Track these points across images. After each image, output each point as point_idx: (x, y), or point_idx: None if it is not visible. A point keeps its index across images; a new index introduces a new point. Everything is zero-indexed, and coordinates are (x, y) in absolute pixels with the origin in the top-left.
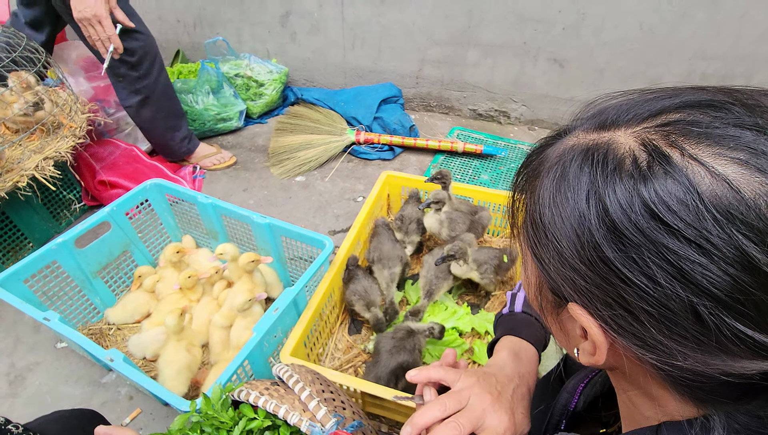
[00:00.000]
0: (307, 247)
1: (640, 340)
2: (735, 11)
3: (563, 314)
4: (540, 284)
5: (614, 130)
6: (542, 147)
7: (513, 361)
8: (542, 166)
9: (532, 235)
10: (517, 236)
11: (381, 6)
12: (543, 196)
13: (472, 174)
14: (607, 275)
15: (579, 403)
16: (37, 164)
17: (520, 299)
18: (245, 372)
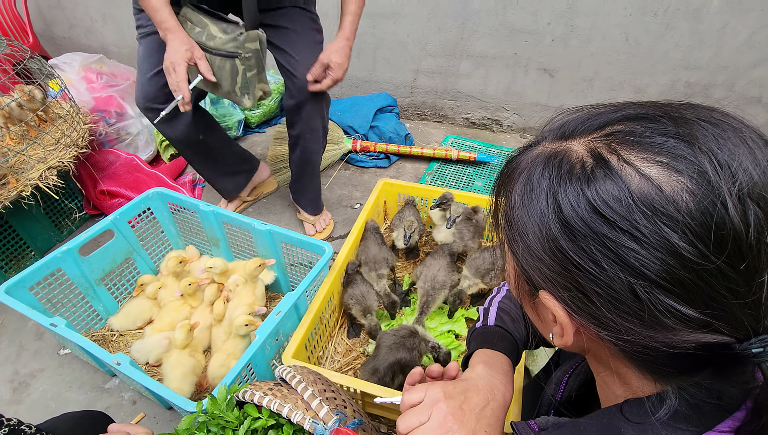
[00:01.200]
0: (307, 252)
1: (595, 319)
2: (716, 23)
3: (537, 302)
4: (518, 276)
5: (571, 140)
6: (515, 156)
7: (487, 374)
8: (514, 172)
9: (507, 233)
10: (498, 235)
11: (376, 18)
12: (514, 198)
13: (466, 181)
14: (564, 263)
15: (565, 393)
16: (41, 174)
17: (492, 313)
18: (248, 374)
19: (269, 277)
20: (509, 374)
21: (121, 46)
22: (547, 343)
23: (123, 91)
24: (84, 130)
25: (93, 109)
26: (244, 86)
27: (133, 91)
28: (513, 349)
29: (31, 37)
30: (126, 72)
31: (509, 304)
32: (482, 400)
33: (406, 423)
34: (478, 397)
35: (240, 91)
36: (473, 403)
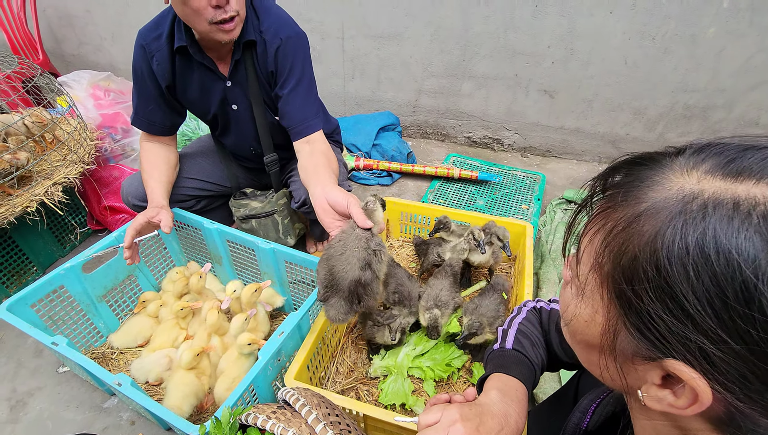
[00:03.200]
0: (310, 271)
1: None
2: (713, 48)
3: (637, 363)
4: (613, 330)
5: (757, 183)
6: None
7: (501, 401)
8: (643, 205)
9: (626, 284)
10: (584, 269)
11: (380, 40)
12: (665, 247)
13: (468, 199)
14: (755, 347)
15: (591, 423)
16: (47, 190)
17: (511, 336)
18: (250, 396)
19: (279, 301)
20: (523, 402)
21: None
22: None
23: (130, 109)
24: (90, 146)
25: (100, 126)
26: (285, 231)
27: None
28: (529, 375)
29: (41, 55)
30: None
31: (530, 327)
32: (497, 425)
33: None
34: (492, 422)
35: (283, 235)
36: (488, 427)
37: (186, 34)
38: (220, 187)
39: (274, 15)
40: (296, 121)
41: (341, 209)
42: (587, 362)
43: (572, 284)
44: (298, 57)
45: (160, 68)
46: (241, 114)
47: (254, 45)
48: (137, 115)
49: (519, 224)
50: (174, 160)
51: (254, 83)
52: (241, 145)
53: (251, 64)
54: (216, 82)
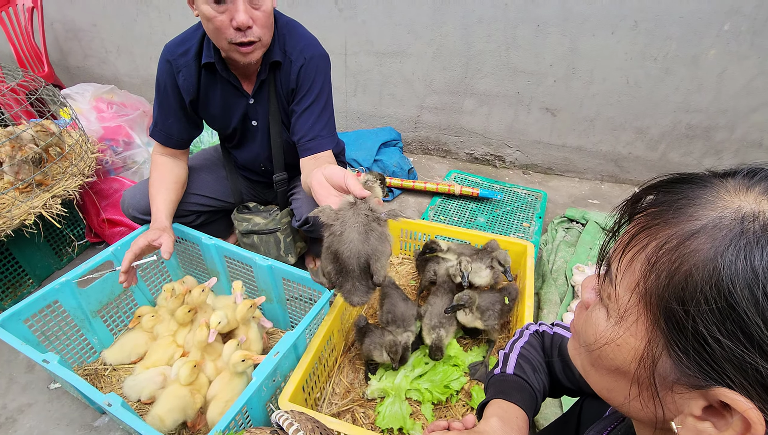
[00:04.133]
0: (308, 288)
1: None
2: (714, 69)
3: (677, 391)
4: (651, 356)
5: None
6: (674, 194)
7: (501, 429)
8: (699, 222)
9: (677, 304)
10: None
11: (382, 57)
12: (728, 266)
13: (468, 216)
14: None
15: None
16: (45, 202)
17: (512, 360)
18: (243, 418)
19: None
20: (523, 430)
21: (133, 76)
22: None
23: (132, 121)
24: (91, 159)
25: (102, 138)
26: (286, 249)
27: (142, 122)
28: (530, 402)
29: (47, 67)
30: (136, 102)
31: (532, 352)
32: None
33: None
34: None
35: (284, 253)
36: None
37: (214, 51)
38: (222, 202)
39: (299, 35)
40: (306, 137)
41: (337, 181)
42: (607, 390)
43: (599, 307)
44: (319, 76)
45: (186, 83)
46: (260, 130)
47: (279, 65)
48: (156, 126)
49: (520, 244)
50: (183, 177)
51: (274, 101)
52: (253, 160)
53: (273, 83)
54: (239, 99)
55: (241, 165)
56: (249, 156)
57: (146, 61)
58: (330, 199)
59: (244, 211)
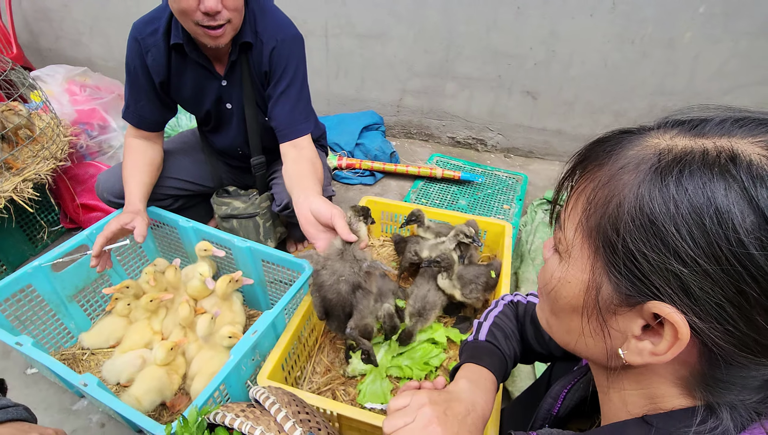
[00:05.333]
0: (287, 270)
1: (736, 339)
2: (689, 52)
3: (619, 313)
4: (596, 284)
5: (721, 137)
6: (607, 143)
7: (469, 389)
8: (624, 160)
9: (610, 229)
10: (569, 232)
11: (364, 39)
12: (647, 190)
13: (450, 199)
14: (737, 272)
15: (562, 408)
16: (16, 186)
17: (485, 328)
18: (221, 395)
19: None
20: (491, 391)
21: (108, 59)
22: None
23: (107, 105)
24: (64, 142)
25: (75, 122)
26: (266, 234)
27: (117, 105)
28: (500, 366)
29: (15, 48)
30: (111, 85)
31: (505, 320)
32: (464, 410)
33: (392, 423)
34: (460, 407)
35: (264, 238)
36: (455, 411)
37: (182, 32)
38: (201, 186)
39: (271, 16)
40: (284, 123)
41: (325, 220)
42: (565, 333)
43: (553, 255)
44: (293, 59)
45: (155, 63)
46: (235, 113)
47: (250, 47)
48: (128, 108)
49: (498, 224)
50: (158, 160)
51: (248, 84)
52: (229, 144)
53: (246, 65)
54: (211, 80)
55: (219, 149)
56: (225, 140)
57: (121, 42)
58: (319, 237)
59: (224, 194)
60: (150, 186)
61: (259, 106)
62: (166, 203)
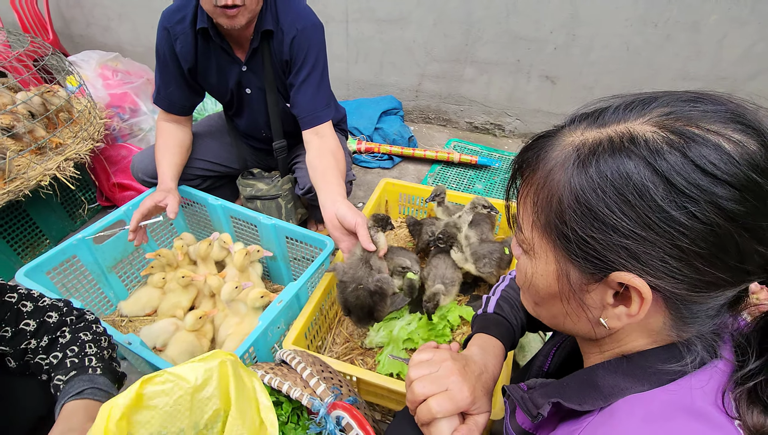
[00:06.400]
0: (310, 246)
1: (687, 283)
2: (714, 35)
3: (591, 290)
4: (565, 271)
5: (618, 124)
6: (533, 150)
7: (481, 354)
8: (552, 162)
9: (559, 223)
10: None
11: (384, 24)
12: (577, 183)
13: (467, 183)
14: (667, 231)
15: (552, 365)
16: (59, 165)
17: (493, 301)
18: (250, 357)
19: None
20: (500, 357)
21: (136, 45)
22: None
23: (137, 89)
24: (100, 124)
25: (108, 105)
26: (287, 214)
27: (146, 89)
28: (508, 334)
29: (51, 34)
30: (140, 70)
31: (511, 293)
32: (478, 369)
33: (418, 371)
34: (474, 366)
35: (286, 218)
36: (472, 369)
37: (207, 18)
38: (227, 168)
39: (292, 5)
40: (306, 111)
41: (349, 226)
42: (552, 317)
43: (522, 254)
44: (313, 47)
45: (183, 50)
46: (254, 98)
47: (271, 34)
48: (158, 94)
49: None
50: (188, 142)
51: (269, 71)
52: (252, 127)
53: (268, 53)
54: (232, 65)
55: (243, 132)
56: (247, 123)
57: (147, 29)
58: (342, 240)
59: (249, 176)
60: (180, 166)
61: (280, 92)
62: (195, 183)
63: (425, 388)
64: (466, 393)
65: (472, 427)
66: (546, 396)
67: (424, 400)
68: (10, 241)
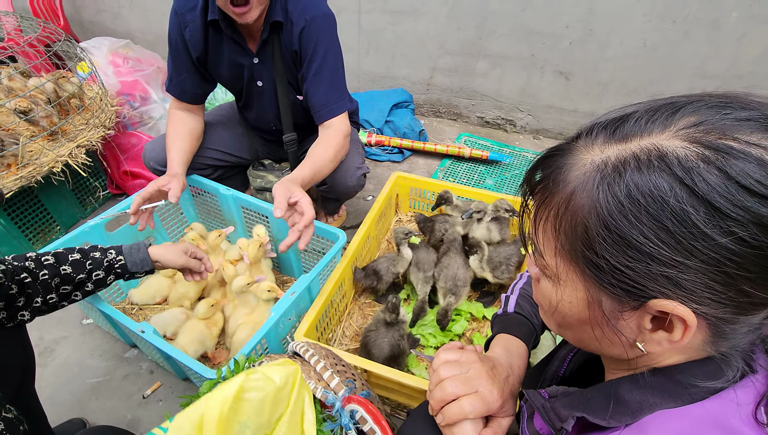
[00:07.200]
0: (321, 239)
1: (733, 307)
2: (734, 33)
3: (627, 318)
4: (596, 299)
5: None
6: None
7: (505, 355)
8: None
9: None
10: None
11: (396, 15)
12: (604, 208)
13: (477, 178)
14: (713, 258)
15: (567, 370)
16: (71, 151)
17: (512, 301)
18: (262, 348)
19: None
20: (524, 358)
21: (146, 32)
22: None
23: (148, 77)
24: (111, 112)
25: (119, 93)
26: None
27: (157, 77)
28: (529, 334)
29: (62, 20)
30: (151, 58)
31: (530, 290)
32: (504, 371)
33: (449, 371)
34: (501, 369)
35: None
36: (499, 371)
37: (219, 9)
38: (238, 158)
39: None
40: (318, 104)
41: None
42: (580, 340)
43: (543, 278)
44: (323, 38)
45: (192, 39)
46: (265, 91)
47: (281, 26)
48: (170, 81)
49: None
50: (198, 130)
51: (279, 62)
52: (262, 120)
53: (278, 44)
54: (244, 57)
55: (253, 124)
56: (258, 116)
57: (158, 16)
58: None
59: (259, 168)
60: (189, 153)
61: (291, 84)
62: (206, 173)
63: (457, 388)
64: (496, 396)
65: (496, 429)
66: (570, 408)
67: (453, 400)
68: (22, 226)
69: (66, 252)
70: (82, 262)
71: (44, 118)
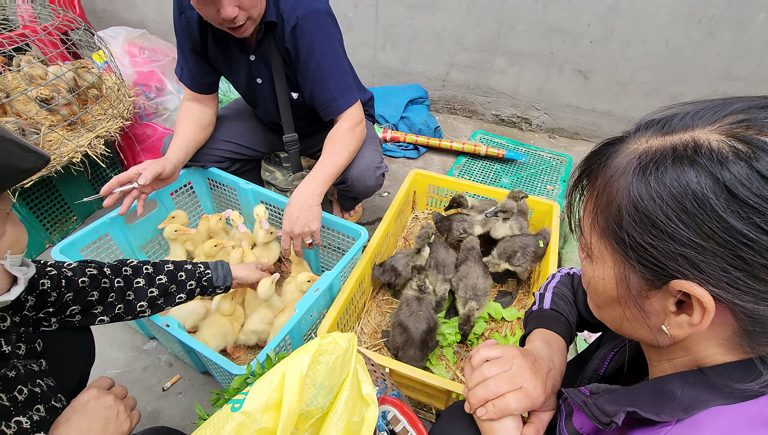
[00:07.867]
0: (341, 235)
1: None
2: (761, 34)
3: (651, 296)
4: (624, 276)
5: (685, 132)
6: (598, 156)
7: (547, 349)
8: (614, 168)
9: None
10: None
11: (414, 9)
12: (636, 190)
13: (493, 177)
14: (729, 241)
15: (608, 369)
16: (90, 142)
17: (548, 298)
18: (285, 345)
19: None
20: (563, 352)
21: (160, 22)
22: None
23: (164, 67)
24: (129, 102)
25: (135, 83)
26: None
27: (172, 68)
28: (567, 331)
29: (78, 8)
30: (166, 48)
31: (563, 290)
32: (546, 366)
33: (491, 370)
34: (543, 362)
35: None
36: (540, 365)
37: None
38: (255, 151)
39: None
40: (322, 102)
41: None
42: (613, 320)
43: (586, 258)
44: (318, 35)
45: (189, 30)
46: (265, 88)
47: (275, 25)
48: (182, 71)
49: (546, 203)
50: (206, 120)
51: (277, 59)
52: (266, 116)
53: (274, 43)
54: (241, 55)
55: (262, 119)
56: (263, 113)
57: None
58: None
59: (272, 162)
60: (191, 141)
61: (289, 81)
62: (223, 166)
63: (501, 387)
64: (539, 391)
65: (538, 425)
66: (616, 403)
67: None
68: (40, 216)
69: (161, 263)
70: (175, 273)
71: (64, 106)
